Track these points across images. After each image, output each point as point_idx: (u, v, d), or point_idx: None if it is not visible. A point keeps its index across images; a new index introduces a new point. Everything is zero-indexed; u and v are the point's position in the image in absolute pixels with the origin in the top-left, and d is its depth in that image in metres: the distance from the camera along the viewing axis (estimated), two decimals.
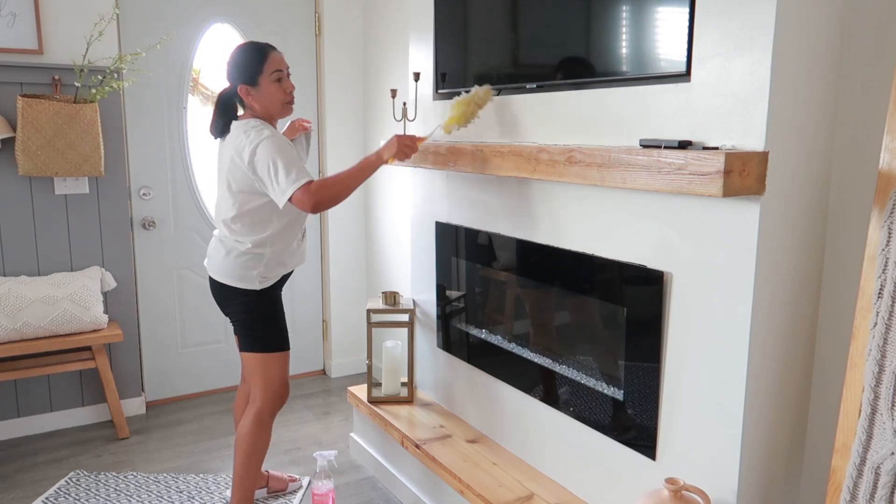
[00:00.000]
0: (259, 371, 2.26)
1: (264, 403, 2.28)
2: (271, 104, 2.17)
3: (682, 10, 1.64)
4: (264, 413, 2.29)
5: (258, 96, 2.15)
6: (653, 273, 1.78)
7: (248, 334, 2.26)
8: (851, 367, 1.44)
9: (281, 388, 2.30)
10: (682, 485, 1.63)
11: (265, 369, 2.27)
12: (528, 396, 2.29)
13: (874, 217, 1.43)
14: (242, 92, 2.14)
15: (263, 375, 2.27)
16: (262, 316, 2.26)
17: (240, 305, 2.25)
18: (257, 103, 2.16)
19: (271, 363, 2.27)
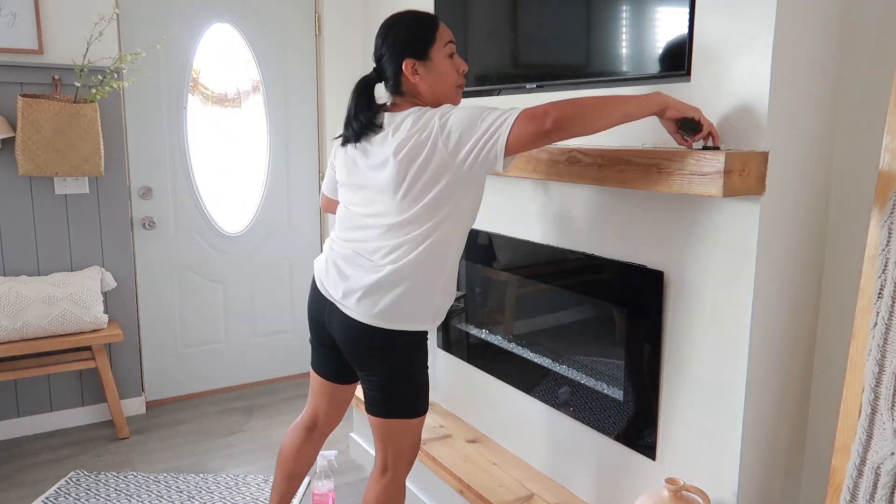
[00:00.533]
0: (397, 437, 1.79)
1: (401, 472, 1.84)
2: (444, 85, 1.72)
3: (682, 9, 1.64)
4: (401, 480, 1.85)
5: (428, 75, 1.70)
6: (653, 273, 1.78)
7: (397, 394, 1.75)
8: (851, 367, 1.44)
9: (416, 452, 1.86)
10: (682, 485, 1.63)
11: (408, 435, 1.79)
12: (528, 396, 2.29)
13: (874, 217, 1.43)
14: (408, 69, 1.69)
15: (403, 442, 1.79)
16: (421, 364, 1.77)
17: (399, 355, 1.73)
18: (425, 84, 1.70)
19: (417, 427, 1.81)
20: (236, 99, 3.64)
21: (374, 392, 1.77)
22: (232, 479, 2.78)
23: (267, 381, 3.87)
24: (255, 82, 3.65)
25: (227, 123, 3.63)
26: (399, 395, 1.76)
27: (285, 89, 3.68)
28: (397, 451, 1.80)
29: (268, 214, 3.73)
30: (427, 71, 1.70)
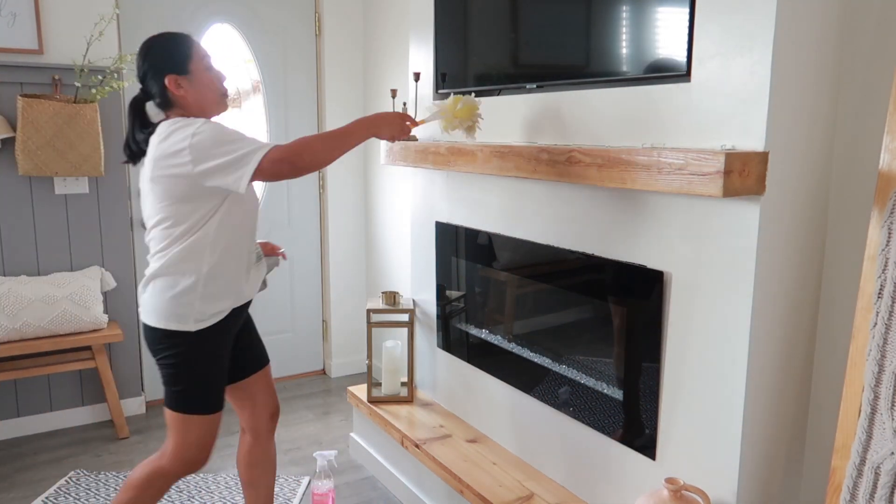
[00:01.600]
0: (178, 429, 1.86)
1: (174, 464, 1.87)
2: (207, 95, 1.84)
3: (682, 9, 1.64)
4: (168, 473, 1.88)
5: (191, 87, 1.80)
6: (653, 273, 1.78)
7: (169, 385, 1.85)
8: (851, 367, 1.44)
9: (197, 454, 1.88)
10: (682, 485, 1.63)
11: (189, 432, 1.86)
12: (528, 396, 2.29)
13: (874, 217, 1.43)
14: (172, 84, 1.78)
15: (184, 436, 1.86)
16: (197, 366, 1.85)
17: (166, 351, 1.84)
18: (190, 96, 1.81)
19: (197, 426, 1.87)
20: (236, 99, 3.64)
21: (162, 380, 1.87)
22: (232, 478, 2.78)
23: None
24: (255, 82, 3.65)
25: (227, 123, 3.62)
26: (171, 387, 1.85)
27: (285, 89, 3.68)
28: (177, 443, 1.86)
29: (268, 214, 3.73)
30: (189, 83, 1.81)
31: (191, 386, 1.85)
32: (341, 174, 3.84)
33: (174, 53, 1.81)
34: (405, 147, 2.57)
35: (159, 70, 1.80)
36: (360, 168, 3.90)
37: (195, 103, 1.83)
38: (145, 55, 1.83)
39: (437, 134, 2.65)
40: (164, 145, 1.73)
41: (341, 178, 3.85)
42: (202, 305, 1.81)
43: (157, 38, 1.85)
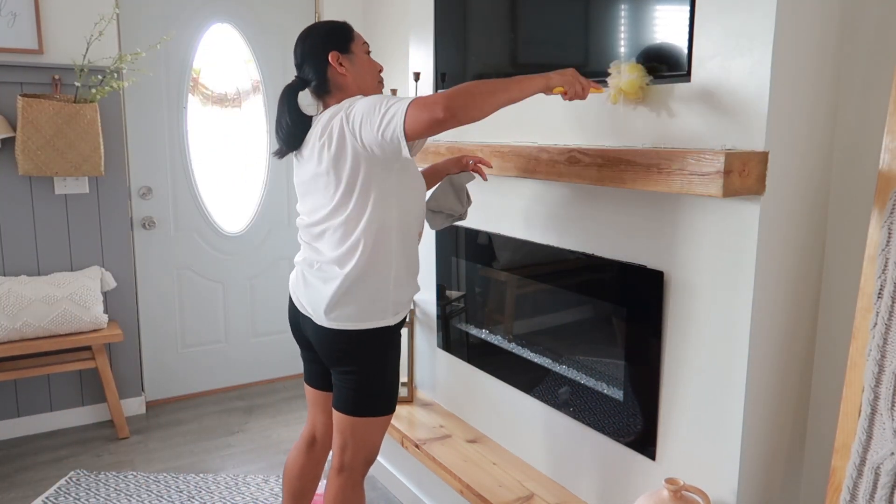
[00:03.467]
0: (359, 436, 1.80)
1: (358, 472, 1.84)
2: (368, 77, 1.79)
3: (683, 9, 1.64)
4: (357, 479, 1.85)
5: (352, 67, 1.76)
6: (653, 273, 1.78)
7: (365, 392, 1.77)
8: (851, 367, 1.44)
9: (377, 453, 1.87)
10: (682, 485, 1.63)
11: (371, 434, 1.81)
12: (528, 396, 2.29)
13: (874, 217, 1.43)
14: (334, 60, 1.74)
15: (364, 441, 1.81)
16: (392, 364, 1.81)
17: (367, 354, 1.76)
18: (351, 76, 1.76)
19: (381, 427, 1.83)
20: (236, 99, 3.64)
21: (343, 388, 1.79)
22: (232, 479, 2.79)
23: (267, 381, 3.87)
24: (255, 82, 3.65)
25: (227, 123, 3.63)
26: (367, 393, 1.78)
27: None
28: (356, 449, 1.81)
29: (268, 214, 3.73)
30: (351, 63, 1.77)
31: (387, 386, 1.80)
32: None
33: (336, 33, 1.78)
34: None
35: (322, 49, 1.75)
36: None
37: (354, 84, 1.76)
38: (305, 38, 1.80)
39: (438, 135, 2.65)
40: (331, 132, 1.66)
41: None
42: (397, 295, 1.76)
43: (317, 24, 1.85)
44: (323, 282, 1.74)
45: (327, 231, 1.73)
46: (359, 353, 1.76)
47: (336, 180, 1.68)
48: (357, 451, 1.81)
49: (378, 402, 1.80)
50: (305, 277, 1.81)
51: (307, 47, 1.79)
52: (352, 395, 1.77)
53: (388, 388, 1.81)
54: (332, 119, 1.67)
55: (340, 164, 1.66)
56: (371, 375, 1.78)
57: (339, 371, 1.79)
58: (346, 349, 1.76)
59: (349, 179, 1.67)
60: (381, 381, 1.79)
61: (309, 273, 1.80)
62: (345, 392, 1.78)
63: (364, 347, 1.76)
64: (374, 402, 1.79)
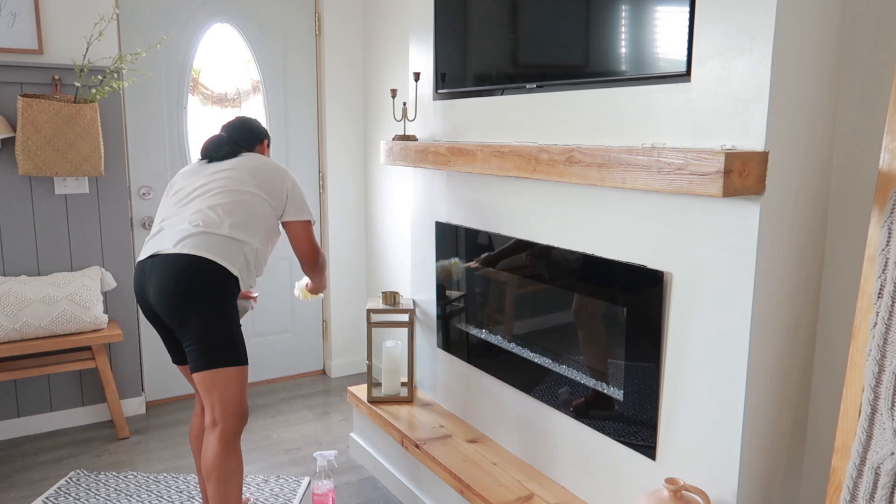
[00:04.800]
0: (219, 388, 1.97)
1: (230, 425, 2.00)
2: None
3: (682, 9, 1.64)
4: (230, 433, 2.00)
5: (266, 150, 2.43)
6: (653, 273, 1.78)
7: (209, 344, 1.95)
8: (851, 367, 1.44)
9: (244, 407, 2.04)
10: (682, 485, 1.63)
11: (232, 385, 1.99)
12: (527, 396, 2.29)
13: (874, 217, 1.43)
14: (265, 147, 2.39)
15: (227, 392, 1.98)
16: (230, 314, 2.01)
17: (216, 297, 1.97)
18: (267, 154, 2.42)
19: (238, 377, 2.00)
20: (236, 99, 3.64)
21: (190, 349, 1.97)
22: None
23: (267, 381, 3.87)
24: (255, 82, 3.65)
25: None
26: (211, 345, 1.96)
27: (285, 89, 3.68)
28: (222, 404, 1.98)
29: None
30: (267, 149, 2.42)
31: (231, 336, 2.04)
32: (341, 174, 3.84)
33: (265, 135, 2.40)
34: (405, 147, 2.57)
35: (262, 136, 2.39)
36: (360, 168, 3.91)
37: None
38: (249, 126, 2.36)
39: (438, 133, 2.65)
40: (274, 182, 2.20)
41: (341, 178, 3.85)
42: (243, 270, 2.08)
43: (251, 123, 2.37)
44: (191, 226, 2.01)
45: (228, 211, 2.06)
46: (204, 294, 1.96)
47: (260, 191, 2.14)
48: (223, 405, 1.98)
49: (225, 352, 1.97)
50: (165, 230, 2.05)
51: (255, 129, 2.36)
52: (198, 351, 1.95)
53: (233, 339, 1.99)
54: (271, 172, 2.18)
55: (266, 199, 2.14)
56: (211, 326, 1.96)
57: (182, 331, 1.97)
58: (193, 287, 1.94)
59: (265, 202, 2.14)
60: (222, 331, 1.98)
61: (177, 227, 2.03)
62: (193, 351, 1.96)
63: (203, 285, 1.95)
64: (221, 353, 1.97)
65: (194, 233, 1.99)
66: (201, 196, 2.09)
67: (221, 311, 1.99)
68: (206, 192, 2.10)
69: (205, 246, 1.97)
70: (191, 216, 2.04)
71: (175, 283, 1.94)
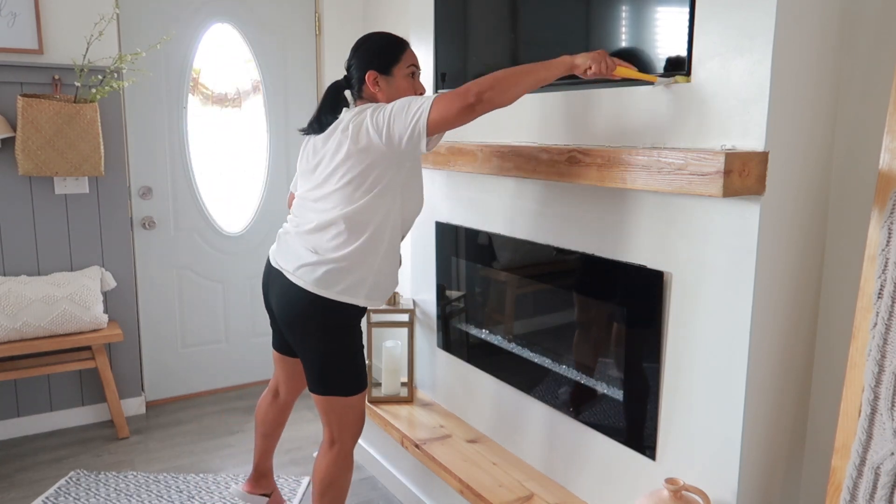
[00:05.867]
0: (339, 413, 1.96)
1: (347, 444, 2.01)
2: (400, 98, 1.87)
3: (682, 9, 1.64)
4: (347, 451, 2.02)
5: (387, 88, 1.91)
6: (653, 273, 1.78)
7: (328, 371, 1.91)
8: (851, 367, 1.44)
9: (362, 424, 2.05)
10: (682, 485, 1.63)
11: (350, 411, 1.97)
12: (527, 396, 2.29)
13: (874, 217, 1.43)
14: (370, 79, 1.90)
15: (345, 417, 1.97)
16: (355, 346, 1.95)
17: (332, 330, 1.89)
18: (384, 96, 1.91)
19: (357, 403, 1.98)
20: (236, 99, 3.64)
21: (311, 370, 1.94)
22: (232, 478, 2.78)
23: (267, 381, 3.86)
24: (255, 82, 3.65)
25: (227, 123, 3.63)
26: (331, 372, 1.93)
27: (285, 89, 3.68)
28: (340, 426, 1.98)
29: (268, 214, 3.73)
30: (387, 85, 1.92)
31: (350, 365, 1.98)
32: None
33: (383, 53, 1.93)
34: None
35: (365, 64, 1.92)
36: None
37: (385, 102, 1.89)
38: (358, 47, 1.97)
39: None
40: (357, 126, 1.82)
41: None
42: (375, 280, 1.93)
43: (374, 35, 1.99)
44: (310, 252, 1.88)
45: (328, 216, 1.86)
46: (326, 326, 1.88)
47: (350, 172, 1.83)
48: (341, 428, 1.98)
49: (341, 382, 1.93)
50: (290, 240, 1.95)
51: (357, 56, 1.96)
52: (317, 375, 1.93)
53: (351, 369, 1.94)
54: (356, 116, 1.83)
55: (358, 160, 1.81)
56: (331, 354, 1.91)
57: (300, 351, 1.95)
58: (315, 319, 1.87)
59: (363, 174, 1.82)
60: (340, 363, 1.92)
61: (297, 239, 1.93)
62: (310, 373, 1.94)
63: (331, 321, 1.88)
64: (338, 383, 1.93)
65: (310, 262, 1.86)
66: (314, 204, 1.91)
67: (340, 343, 1.92)
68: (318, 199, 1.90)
69: (322, 282, 1.84)
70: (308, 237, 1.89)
71: (294, 313, 1.90)
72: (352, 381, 1.95)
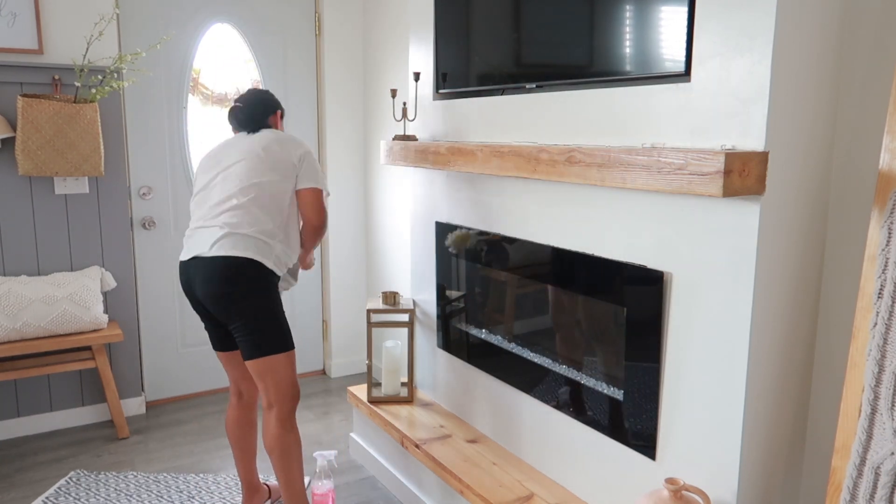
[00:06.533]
0: (272, 373, 2.14)
1: (286, 406, 2.19)
2: None
3: (682, 9, 1.64)
4: (285, 412, 2.19)
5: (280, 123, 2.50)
6: (653, 273, 1.78)
7: (259, 335, 2.11)
8: (851, 367, 1.44)
9: (297, 386, 2.22)
10: (682, 485, 1.63)
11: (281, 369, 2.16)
12: (527, 396, 2.29)
13: (874, 217, 1.43)
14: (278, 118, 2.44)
15: (276, 377, 2.15)
16: (278, 306, 2.17)
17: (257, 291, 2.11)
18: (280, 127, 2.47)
19: (288, 361, 2.18)
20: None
21: (242, 340, 2.12)
22: (232, 478, 2.78)
23: None
24: (255, 82, 3.65)
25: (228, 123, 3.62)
26: (262, 335, 2.11)
27: (285, 89, 3.68)
28: (276, 387, 2.15)
29: None
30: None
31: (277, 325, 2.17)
32: (341, 174, 3.84)
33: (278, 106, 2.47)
34: (405, 147, 2.57)
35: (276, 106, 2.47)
36: (360, 168, 3.91)
37: None
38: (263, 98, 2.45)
39: (438, 133, 2.65)
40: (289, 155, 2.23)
41: (341, 178, 3.85)
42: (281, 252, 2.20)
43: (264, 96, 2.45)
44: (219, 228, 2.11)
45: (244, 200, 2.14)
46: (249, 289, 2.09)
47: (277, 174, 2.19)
48: (277, 388, 2.16)
49: (273, 340, 2.13)
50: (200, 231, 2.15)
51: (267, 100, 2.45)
52: (249, 341, 2.10)
53: (279, 327, 2.14)
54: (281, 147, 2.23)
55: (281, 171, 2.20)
56: (257, 318, 2.10)
57: (232, 325, 2.11)
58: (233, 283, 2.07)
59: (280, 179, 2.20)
60: (268, 321, 2.12)
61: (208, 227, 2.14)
62: (244, 342, 2.11)
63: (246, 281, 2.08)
64: (270, 341, 2.12)
65: (224, 234, 2.10)
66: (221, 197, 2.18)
67: (265, 302, 2.13)
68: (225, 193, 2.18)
69: (240, 246, 2.09)
70: (218, 219, 2.14)
71: (218, 282, 2.08)
72: (281, 337, 2.14)
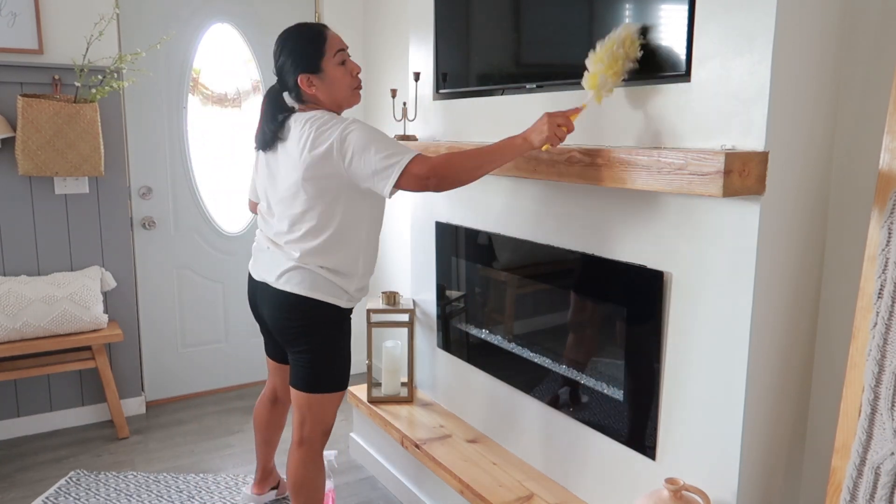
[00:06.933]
0: (315, 410, 2.01)
1: (317, 444, 2.06)
2: (340, 91, 1.90)
3: (682, 9, 1.64)
4: (317, 451, 2.07)
5: (323, 85, 1.89)
6: (653, 273, 1.78)
7: (317, 369, 1.96)
8: (851, 367, 1.44)
9: (332, 425, 2.09)
10: (682, 485, 1.63)
11: (325, 408, 2.02)
12: (527, 396, 2.29)
13: (874, 217, 1.43)
14: (304, 83, 1.87)
15: (319, 414, 2.02)
16: (345, 343, 2.01)
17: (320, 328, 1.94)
18: (323, 93, 1.89)
19: (333, 402, 2.03)
20: (236, 99, 3.64)
21: (298, 367, 1.99)
22: (232, 479, 2.78)
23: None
24: (255, 82, 3.65)
25: (227, 123, 3.63)
26: (319, 371, 1.98)
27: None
28: (313, 424, 2.02)
29: None
30: (321, 82, 1.89)
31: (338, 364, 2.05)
32: None
33: (306, 51, 1.88)
34: None
35: (293, 70, 1.89)
36: None
37: (327, 98, 1.91)
38: (280, 49, 1.93)
39: (438, 133, 2.65)
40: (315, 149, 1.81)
41: None
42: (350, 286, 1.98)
43: (291, 32, 1.93)
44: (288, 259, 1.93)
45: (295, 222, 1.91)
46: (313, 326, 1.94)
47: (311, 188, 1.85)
48: (314, 425, 2.03)
49: (327, 380, 1.99)
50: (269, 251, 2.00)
51: (283, 59, 1.92)
52: (305, 374, 1.97)
53: (338, 369, 2.01)
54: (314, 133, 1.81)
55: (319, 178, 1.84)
56: (322, 354, 1.97)
57: (293, 351, 1.99)
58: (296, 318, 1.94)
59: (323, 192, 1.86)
60: (329, 362, 1.98)
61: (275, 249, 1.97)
62: (299, 371, 1.99)
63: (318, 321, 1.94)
64: (323, 381, 1.99)
65: (291, 268, 1.92)
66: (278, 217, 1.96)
67: (331, 341, 1.99)
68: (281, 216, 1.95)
69: (306, 283, 1.91)
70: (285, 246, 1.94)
71: (285, 318, 1.97)
72: (338, 378, 2.02)
